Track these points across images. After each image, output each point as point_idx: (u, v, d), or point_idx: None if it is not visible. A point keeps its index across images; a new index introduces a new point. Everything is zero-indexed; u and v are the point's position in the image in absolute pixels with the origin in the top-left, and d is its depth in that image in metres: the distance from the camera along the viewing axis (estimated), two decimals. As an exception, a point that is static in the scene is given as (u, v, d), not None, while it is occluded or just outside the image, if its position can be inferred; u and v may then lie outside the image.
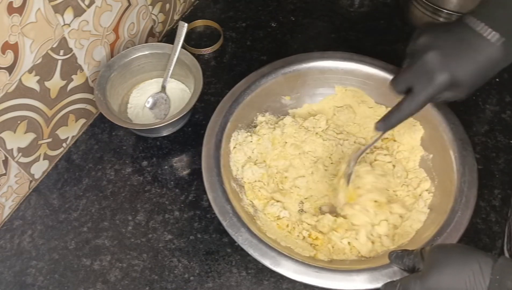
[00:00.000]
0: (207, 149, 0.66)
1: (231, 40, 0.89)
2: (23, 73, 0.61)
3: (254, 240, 0.58)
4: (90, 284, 0.64)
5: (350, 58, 0.73)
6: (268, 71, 0.72)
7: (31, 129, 0.66)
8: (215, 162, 0.65)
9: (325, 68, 0.73)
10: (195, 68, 0.74)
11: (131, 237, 0.67)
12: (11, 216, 0.69)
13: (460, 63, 0.52)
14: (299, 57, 0.74)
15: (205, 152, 0.66)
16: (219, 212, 0.60)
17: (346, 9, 0.93)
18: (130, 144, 0.76)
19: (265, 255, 0.57)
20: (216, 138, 0.67)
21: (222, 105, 0.70)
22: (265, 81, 0.72)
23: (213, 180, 0.63)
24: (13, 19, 0.56)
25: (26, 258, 0.66)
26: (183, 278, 0.64)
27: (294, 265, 0.57)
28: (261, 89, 0.72)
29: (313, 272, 0.56)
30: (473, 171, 0.62)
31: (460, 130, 0.65)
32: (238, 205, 0.63)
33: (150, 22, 0.83)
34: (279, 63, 0.73)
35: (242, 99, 0.70)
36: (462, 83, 0.53)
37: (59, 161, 0.74)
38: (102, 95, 0.71)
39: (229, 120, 0.69)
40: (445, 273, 0.45)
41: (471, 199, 0.60)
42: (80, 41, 0.69)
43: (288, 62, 0.73)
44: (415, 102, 0.55)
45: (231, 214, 0.60)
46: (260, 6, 0.94)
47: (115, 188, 0.72)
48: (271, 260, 0.57)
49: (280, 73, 0.72)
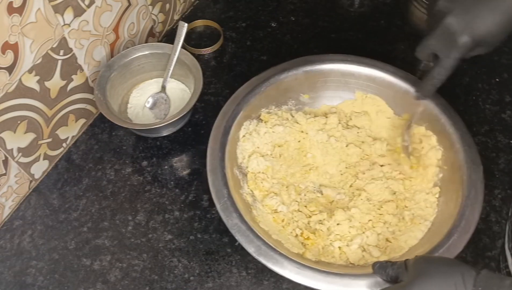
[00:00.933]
0: (215, 133, 0.66)
1: (231, 40, 0.89)
2: (23, 73, 0.61)
3: (243, 226, 0.59)
4: (90, 284, 0.64)
5: (373, 65, 0.72)
6: (289, 67, 0.72)
7: (31, 129, 0.66)
8: (221, 146, 0.65)
9: (347, 71, 0.73)
10: (195, 68, 0.74)
11: (131, 237, 0.68)
12: (11, 216, 0.69)
13: (480, 21, 0.52)
14: (322, 57, 0.73)
15: (213, 135, 0.66)
16: (215, 195, 0.61)
17: (346, 9, 0.93)
18: (130, 144, 0.76)
19: (251, 243, 0.58)
20: (226, 123, 0.67)
21: (237, 93, 0.70)
22: (285, 76, 0.72)
23: (215, 163, 0.63)
24: (13, 19, 0.56)
25: (26, 258, 0.66)
26: (183, 278, 0.64)
27: (278, 257, 0.57)
28: (280, 83, 0.72)
29: (295, 268, 0.56)
30: (478, 194, 0.61)
31: (474, 151, 0.64)
32: (237, 192, 0.64)
33: (150, 22, 0.83)
34: (301, 60, 0.73)
35: (259, 90, 0.70)
36: (486, 40, 0.53)
37: (59, 161, 0.74)
38: (102, 95, 0.71)
39: (242, 109, 0.69)
40: (428, 284, 0.45)
41: (472, 225, 0.59)
42: (80, 41, 0.69)
43: (311, 60, 0.73)
44: (444, 68, 0.56)
45: (226, 198, 0.61)
46: (260, 6, 0.94)
47: (115, 188, 0.72)
48: (255, 248, 0.57)
49: (301, 70, 0.72)
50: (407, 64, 0.74)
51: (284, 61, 0.85)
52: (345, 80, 0.73)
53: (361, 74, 0.72)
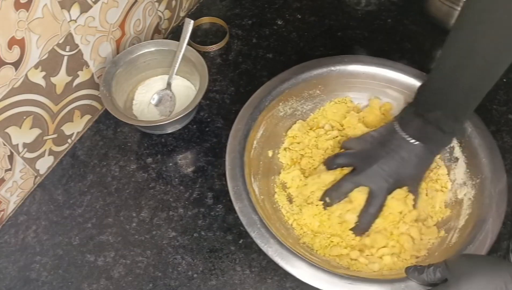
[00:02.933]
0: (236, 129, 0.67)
1: (237, 38, 0.88)
2: (29, 69, 0.61)
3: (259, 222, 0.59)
4: (94, 280, 0.64)
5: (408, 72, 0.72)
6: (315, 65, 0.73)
7: (36, 125, 0.66)
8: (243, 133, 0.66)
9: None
10: (200, 65, 0.74)
11: (135, 234, 0.68)
12: (16, 211, 0.69)
13: (402, 168, 0.63)
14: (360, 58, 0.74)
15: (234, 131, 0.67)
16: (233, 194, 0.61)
17: (353, 8, 0.93)
18: (135, 140, 0.76)
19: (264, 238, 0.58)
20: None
21: (269, 83, 0.71)
22: (313, 74, 0.72)
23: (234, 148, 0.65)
24: (20, 15, 0.56)
25: (30, 253, 0.66)
26: (187, 275, 0.64)
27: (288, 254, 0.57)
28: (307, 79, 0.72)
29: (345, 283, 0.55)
30: (497, 224, 0.60)
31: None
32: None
33: (156, 19, 0.83)
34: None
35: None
36: (406, 182, 0.64)
37: (64, 157, 0.74)
38: (107, 91, 0.71)
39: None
40: (476, 283, 0.45)
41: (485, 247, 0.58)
42: (86, 37, 0.69)
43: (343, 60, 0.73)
44: (378, 200, 0.63)
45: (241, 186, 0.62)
46: (266, 3, 0.94)
47: (120, 185, 0.72)
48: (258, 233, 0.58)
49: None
50: (415, 63, 0.73)
51: (289, 59, 0.85)
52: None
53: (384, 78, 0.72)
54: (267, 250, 0.57)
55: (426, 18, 0.89)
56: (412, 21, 0.90)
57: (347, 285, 0.55)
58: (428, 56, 0.85)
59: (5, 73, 0.58)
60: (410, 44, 0.87)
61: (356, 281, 0.55)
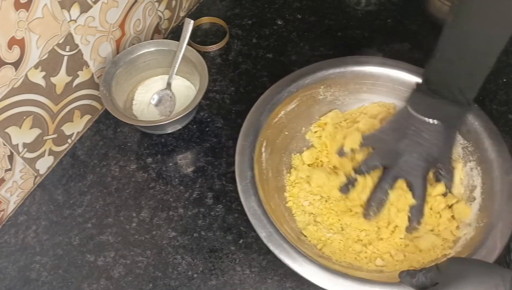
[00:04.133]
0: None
1: (236, 38, 0.88)
2: (29, 69, 0.61)
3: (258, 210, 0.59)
4: (94, 280, 0.64)
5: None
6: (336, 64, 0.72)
7: (36, 125, 0.66)
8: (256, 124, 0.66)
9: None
10: (200, 65, 0.74)
11: (135, 234, 0.68)
12: (16, 211, 0.69)
13: (424, 151, 0.63)
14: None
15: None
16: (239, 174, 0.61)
17: (353, 8, 0.93)
18: (135, 140, 0.76)
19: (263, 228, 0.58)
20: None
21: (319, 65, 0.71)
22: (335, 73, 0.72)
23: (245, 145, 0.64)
24: (20, 15, 0.56)
25: (30, 253, 0.66)
26: (187, 275, 0.64)
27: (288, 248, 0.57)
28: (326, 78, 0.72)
29: (307, 264, 0.55)
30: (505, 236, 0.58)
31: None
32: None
33: (156, 19, 0.83)
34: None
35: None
36: (438, 160, 0.64)
37: (64, 157, 0.74)
38: (107, 91, 0.71)
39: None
40: (467, 285, 0.44)
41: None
42: (86, 37, 0.69)
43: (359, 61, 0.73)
44: (418, 190, 0.63)
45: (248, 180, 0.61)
46: (266, 3, 0.94)
47: (120, 185, 0.72)
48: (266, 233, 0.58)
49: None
50: (415, 64, 0.73)
51: (289, 59, 0.85)
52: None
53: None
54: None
55: (426, 18, 0.89)
56: (412, 21, 0.90)
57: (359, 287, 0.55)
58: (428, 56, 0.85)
59: (5, 73, 0.58)
60: (410, 44, 0.87)
61: (360, 282, 0.55)
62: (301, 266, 0.55)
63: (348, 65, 0.72)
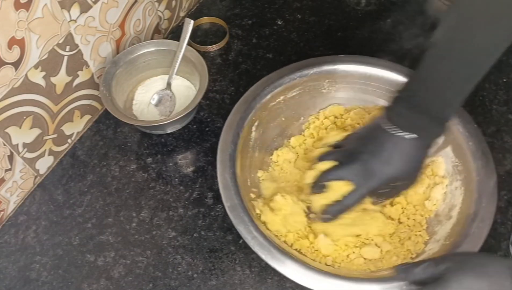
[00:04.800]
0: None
1: (236, 38, 0.88)
2: (29, 69, 0.61)
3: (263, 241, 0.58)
4: (94, 280, 0.64)
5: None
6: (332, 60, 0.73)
7: (36, 125, 0.66)
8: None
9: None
10: (200, 65, 0.74)
11: (135, 234, 0.68)
12: (16, 211, 0.69)
13: (386, 165, 0.59)
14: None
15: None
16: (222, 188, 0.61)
17: (353, 8, 0.93)
18: (135, 140, 0.76)
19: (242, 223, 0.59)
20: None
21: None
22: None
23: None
24: (20, 15, 0.56)
25: (30, 253, 0.66)
26: (187, 275, 0.64)
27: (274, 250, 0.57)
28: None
29: (295, 266, 0.56)
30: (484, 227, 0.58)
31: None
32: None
33: (156, 19, 0.83)
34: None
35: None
36: (398, 178, 0.60)
37: (64, 157, 0.74)
38: (107, 91, 0.71)
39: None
40: (467, 277, 0.45)
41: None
42: (86, 37, 0.69)
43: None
44: (356, 194, 0.60)
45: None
46: (266, 3, 0.94)
47: (120, 185, 0.72)
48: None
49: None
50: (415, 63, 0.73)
51: (289, 59, 0.85)
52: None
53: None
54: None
55: (426, 18, 0.89)
56: (412, 21, 0.90)
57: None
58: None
59: (5, 73, 0.58)
60: (410, 44, 0.87)
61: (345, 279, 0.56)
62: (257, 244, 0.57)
63: (357, 63, 0.72)
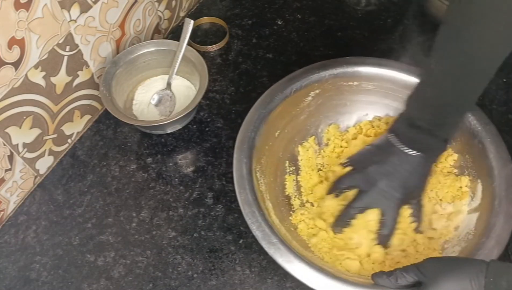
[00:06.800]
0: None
1: (236, 38, 0.88)
2: (29, 69, 0.61)
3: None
4: (94, 280, 0.64)
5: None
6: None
7: (36, 125, 0.66)
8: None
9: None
10: (200, 65, 0.74)
11: (135, 234, 0.68)
12: (16, 211, 0.69)
13: (401, 183, 0.62)
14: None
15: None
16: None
17: (353, 8, 0.93)
18: (135, 140, 0.76)
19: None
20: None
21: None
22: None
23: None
24: (20, 15, 0.56)
25: (30, 253, 0.66)
26: (187, 275, 0.64)
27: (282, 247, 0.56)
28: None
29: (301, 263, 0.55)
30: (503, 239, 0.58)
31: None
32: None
33: (156, 19, 0.83)
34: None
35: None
36: (413, 194, 0.63)
37: (64, 157, 0.74)
38: (107, 91, 0.71)
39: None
40: (449, 281, 0.46)
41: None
42: (86, 37, 0.69)
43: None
44: (389, 218, 0.62)
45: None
46: (266, 3, 0.94)
47: (120, 185, 0.72)
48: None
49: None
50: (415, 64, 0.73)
51: (289, 59, 0.85)
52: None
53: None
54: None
55: (426, 18, 0.89)
56: (412, 21, 0.90)
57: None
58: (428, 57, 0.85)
59: (5, 73, 0.58)
60: (410, 44, 0.87)
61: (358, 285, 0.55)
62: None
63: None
